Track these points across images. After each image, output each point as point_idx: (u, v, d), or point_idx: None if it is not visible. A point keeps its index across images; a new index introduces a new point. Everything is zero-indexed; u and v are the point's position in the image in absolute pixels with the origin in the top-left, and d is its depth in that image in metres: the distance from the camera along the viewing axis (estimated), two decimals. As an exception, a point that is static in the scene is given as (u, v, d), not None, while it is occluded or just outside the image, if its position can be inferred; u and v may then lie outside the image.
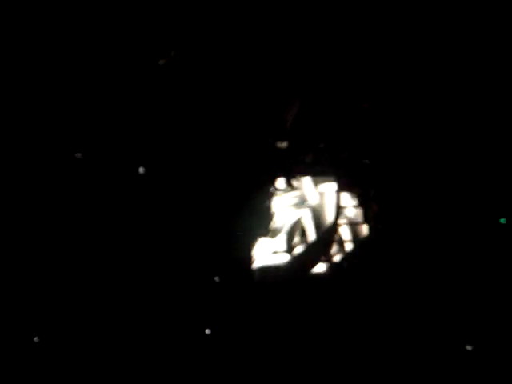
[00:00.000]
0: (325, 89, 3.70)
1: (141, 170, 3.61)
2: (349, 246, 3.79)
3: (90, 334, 3.44)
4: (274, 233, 3.78)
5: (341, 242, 3.81)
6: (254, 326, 3.55)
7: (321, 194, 3.81)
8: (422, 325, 3.61)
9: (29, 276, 3.47)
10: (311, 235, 3.74)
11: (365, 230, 3.79)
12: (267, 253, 3.72)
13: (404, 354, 3.56)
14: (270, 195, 3.75)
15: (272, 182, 3.72)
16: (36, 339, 3.40)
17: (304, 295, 3.66)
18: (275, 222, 3.75)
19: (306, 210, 3.78)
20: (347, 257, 3.80)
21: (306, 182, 3.80)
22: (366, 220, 3.78)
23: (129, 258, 3.58)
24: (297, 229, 3.79)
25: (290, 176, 3.72)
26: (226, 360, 3.49)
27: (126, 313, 3.51)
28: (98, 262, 3.53)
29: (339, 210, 3.77)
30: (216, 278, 3.59)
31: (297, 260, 3.76)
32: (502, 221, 3.70)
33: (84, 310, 3.48)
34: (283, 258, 3.72)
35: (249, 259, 3.69)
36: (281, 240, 3.75)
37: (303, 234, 3.77)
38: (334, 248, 3.79)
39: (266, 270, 3.72)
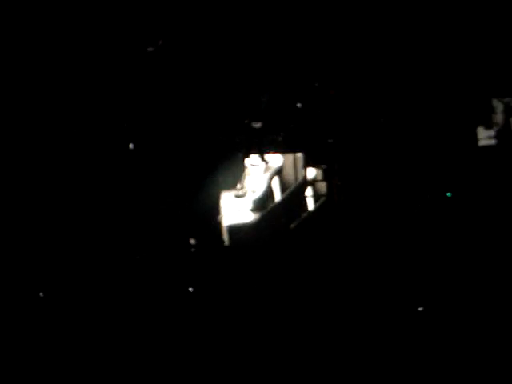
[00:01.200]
0: (295, 76, 3.96)
1: (131, 145, 3.99)
2: (312, 217, 4.18)
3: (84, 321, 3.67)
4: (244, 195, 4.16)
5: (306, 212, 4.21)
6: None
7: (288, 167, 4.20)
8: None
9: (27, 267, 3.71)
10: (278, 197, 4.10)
11: (328, 201, 4.19)
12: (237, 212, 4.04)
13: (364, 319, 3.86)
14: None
15: (247, 157, 4.11)
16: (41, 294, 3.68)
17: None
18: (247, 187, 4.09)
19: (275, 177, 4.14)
20: (310, 226, 4.18)
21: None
22: (330, 192, 4.19)
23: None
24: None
25: (263, 152, 4.10)
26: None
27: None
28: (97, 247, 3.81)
29: (306, 183, 4.18)
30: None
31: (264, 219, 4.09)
32: (449, 194, 4.07)
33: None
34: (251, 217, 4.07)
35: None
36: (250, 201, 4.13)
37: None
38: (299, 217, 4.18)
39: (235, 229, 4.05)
